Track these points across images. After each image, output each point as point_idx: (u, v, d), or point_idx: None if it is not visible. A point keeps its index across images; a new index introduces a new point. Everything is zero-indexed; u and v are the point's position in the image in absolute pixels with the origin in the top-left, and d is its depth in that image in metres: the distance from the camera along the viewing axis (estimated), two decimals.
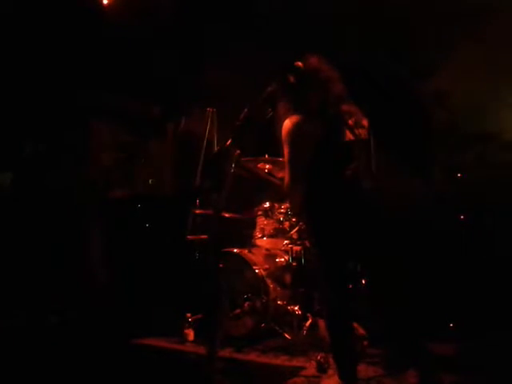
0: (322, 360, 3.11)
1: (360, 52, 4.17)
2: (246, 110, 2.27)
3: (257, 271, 3.81)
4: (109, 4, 4.76)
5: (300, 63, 2.69)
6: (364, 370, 2.93)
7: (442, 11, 4.35)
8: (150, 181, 5.08)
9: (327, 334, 3.30)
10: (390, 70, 4.44)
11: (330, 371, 3.05)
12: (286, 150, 2.74)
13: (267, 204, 4.25)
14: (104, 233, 4.24)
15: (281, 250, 4.14)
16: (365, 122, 2.80)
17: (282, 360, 3.41)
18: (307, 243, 4.03)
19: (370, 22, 4.47)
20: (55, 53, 4.69)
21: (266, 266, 3.92)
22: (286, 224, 4.14)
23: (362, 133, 2.76)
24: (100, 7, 4.72)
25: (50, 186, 4.02)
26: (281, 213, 4.19)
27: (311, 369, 3.15)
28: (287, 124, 2.74)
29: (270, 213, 4.20)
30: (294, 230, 4.00)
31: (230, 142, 2.14)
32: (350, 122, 2.74)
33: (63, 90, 4.64)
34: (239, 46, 4.74)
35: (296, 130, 2.70)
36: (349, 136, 2.72)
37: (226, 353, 3.49)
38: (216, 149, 4.18)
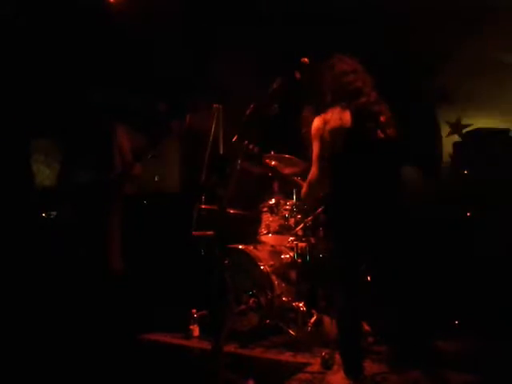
0: (326, 356, 3.11)
1: (362, 52, 4.17)
2: (252, 106, 2.27)
3: (262, 267, 3.81)
4: (116, 2, 4.77)
5: (306, 59, 2.69)
6: (369, 367, 2.93)
7: (446, 10, 4.34)
8: (155, 177, 5.09)
9: (336, 330, 3.32)
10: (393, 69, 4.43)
11: (335, 367, 3.06)
12: (314, 146, 2.74)
13: (273, 200, 4.25)
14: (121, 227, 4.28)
15: (286, 246, 4.14)
16: (393, 122, 2.79)
17: (286, 356, 3.42)
18: (312, 240, 4.03)
19: (372, 21, 4.47)
20: (64, 51, 4.72)
21: (271, 263, 3.92)
22: (291, 221, 4.14)
23: (392, 132, 2.74)
24: (107, 6, 4.73)
25: (74, 183, 4.07)
26: (286, 209, 4.19)
27: (316, 365, 3.15)
28: (317, 120, 2.75)
29: (275, 209, 4.20)
30: (299, 227, 4.00)
31: (236, 138, 2.14)
32: (382, 119, 2.72)
33: (74, 88, 4.66)
34: (245, 43, 4.73)
35: (325, 126, 2.71)
36: (379, 134, 2.71)
37: (230, 348, 3.50)
38: (222, 145, 4.19)
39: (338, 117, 2.71)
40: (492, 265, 3.72)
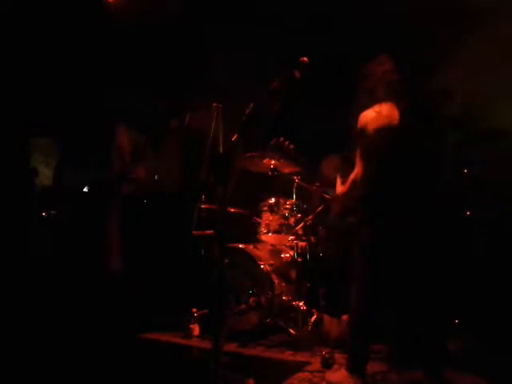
0: (326, 355, 3.11)
1: (360, 51, 4.17)
2: (251, 105, 2.26)
3: (262, 267, 3.81)
4: (115, 2, 4.77)
5: (305, 58, 2.69)
6: (370, 366, 2.92)
7: (447, 8, 4.33)
8: (155, 176, 5.08)
9: (336, 329, 3.31)
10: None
11: (335, 366, 3.06)
12: (360, 143, 2.74)
13: (273, 200, 4.25)
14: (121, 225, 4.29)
15: (286, 245, 4.14)
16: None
17: (286, 355, 3.42)
18: (312, 239, 4.03)
19: (371, 20, 4.46)
20: (64, 51, 4.72)
21: (272, 262, 3.93)
22: (292, 220, 4.14)
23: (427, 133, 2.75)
24: (107, 6, 4.73)
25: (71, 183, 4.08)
26: (286, 208, 4.19)
27: (316, 364, 3.16)
28: (364, 116, 2.74)
29: (275, 208, 4.20)
30: (300, 226, 4.01)
31: (236, 137, 2.14)
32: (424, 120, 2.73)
33: (74, 88, 4.66)
34: (245, 42, 4.73)
35: (373, 122, 2.70)
36: (422, 134, 2.71)
37: (231, 348, 3.51)
38: (221, 145, 4.18)
39: (387, 114, 2.70)
40: (492, 264, 3.71)
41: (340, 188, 3.05)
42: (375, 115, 2.72)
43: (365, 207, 2.81)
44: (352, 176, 2.83)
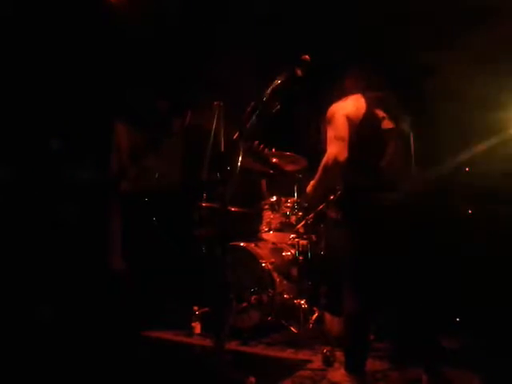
0: (328, 353, 3.12)
1: (359, 51, 4.16)
2: (252, 103, 2.26)
3: (263, 265, 3.82)
4: (117, 1, 4.76)
5: (307, 56, 2.69)
6: (370, 364, 2.92)
7: (446, 7, 4.33)
8: (156, 175, 5.09)
9: (337, 327, 3.32)
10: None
11: (336, 364, 3.07)
12: (329, 130, 2.77)
13: (274, 198, 4.25)
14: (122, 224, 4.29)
15: (287, 243, 4.14)
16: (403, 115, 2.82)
17: (288, 353, 3.43)
18: (313, 237, 4.04)
19: (370, 20, 4.46)
20: (63, 49, 4.71)
21: (273, 260, 3.93)
22: (293, 218, 4.15)
23: (402, 123, 2.78)
24: (109, 5, 4.72)
25: (74, 181, 4.07)
26: (287, 207, 4.19)
27: (317, 362, 3.16)
28: (333, 106, 2.80)
29: (276, 207, 4.21)
30: (301, 224, 4.00)
31: (237, 135, 2.14)
32: (394, 110, 2.76)
33: (74, 88, 4.65)
34: (246, 41, 4.73)
35: (341, 111, 2.75)
36: (387, 124, 2.74)
37: (232, 345, 3.51)
38: (223, 143, 4.19)
39: (354, 103, 2.77)
40: (493, 262, 3.71)
41: (309, 186, 3.07)
42: (343, 104, 2.79)
43: (344, 204, 2.83)
44: (324, 159, 2.81)
